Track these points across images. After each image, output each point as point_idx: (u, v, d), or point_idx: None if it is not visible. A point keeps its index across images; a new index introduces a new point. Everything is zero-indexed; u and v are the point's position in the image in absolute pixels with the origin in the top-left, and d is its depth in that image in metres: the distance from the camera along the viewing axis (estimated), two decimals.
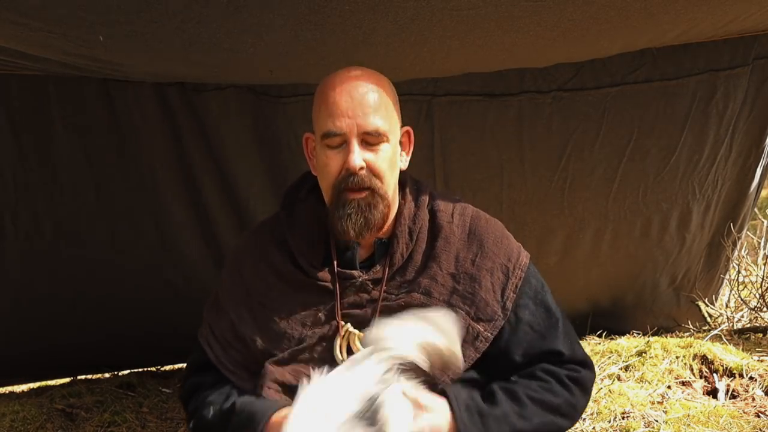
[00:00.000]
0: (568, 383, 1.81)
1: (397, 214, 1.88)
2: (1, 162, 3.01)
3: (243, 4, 1.97)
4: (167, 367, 3.89)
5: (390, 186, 1.82)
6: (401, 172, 1.89)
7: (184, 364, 3.85)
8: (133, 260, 3.26)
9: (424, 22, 2.18)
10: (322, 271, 1.85)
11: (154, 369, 3.85)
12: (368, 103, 1.76)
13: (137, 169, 3.14)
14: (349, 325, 1.82)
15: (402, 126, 1.89)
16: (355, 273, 1.85)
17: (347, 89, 1.77)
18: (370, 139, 1.76)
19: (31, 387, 3.80)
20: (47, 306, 3.27)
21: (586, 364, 1.86)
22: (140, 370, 3.80)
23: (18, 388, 3.80)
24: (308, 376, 1.63)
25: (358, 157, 1.75)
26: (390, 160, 1.80)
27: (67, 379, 3.75)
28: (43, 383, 3.77)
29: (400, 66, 2.62)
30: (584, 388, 1.84)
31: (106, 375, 3.76)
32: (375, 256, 1.88)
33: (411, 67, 2.67)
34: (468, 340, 1.81)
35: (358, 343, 1.82)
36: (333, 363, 1.81)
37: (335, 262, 1.85)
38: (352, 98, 1.75)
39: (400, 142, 1.87)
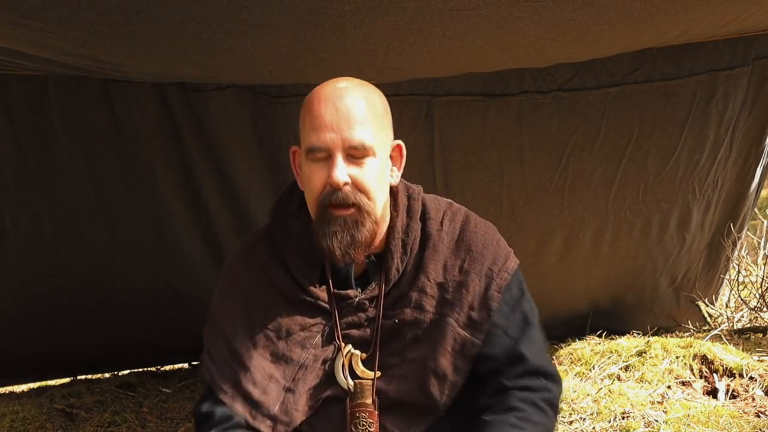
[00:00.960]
0: (544, 407, 1.74)
1: (389, 227, 1.81)
2: (1, 162, 3.01)
3: (243, 5, 1.96)
4: (167, 367, 3.89)
5: (378, 203, 1.73)
6: (390, 186, 1.81)
7: (185, 364, 3.89)
8: (133, 260, 3.26)
9: (424, 22, 2.18)
10: (319, 290, 1.80)
11: (154, 369, 3.85)
12: (353, 115, 1.68)
13: (137, 169, 3.13)
14: (350, 346, 1.80)
15: (395, 138, 1.82)
16: (351, 293, 1.80)
17: (332, 101, 1.69)
18: (356, 153, 1.68)
19: (31, 387, 3.81)
20: (47, 306, 3.27)
21: (554, 377, 1.80)
22: (140, 370, 3.80)
23: (18, 388, 3.80)
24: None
25: (342, 172, 1.66)
26: (377, 176, 1.72)
27: (67, 379, 3.75)
28: (43, 383, 3.78)
29: (400, 66, 2.62)
30: (556, 408, 1.80)
31: (106, 375, 3.76)
32: (369, 272, 1.82)
33: (411, 67, 2.67)
34: (457, 349, 1.77)
35: (360, 364, 1.79)
36: (335, 385, 1.80)
37: (330, 281, 1.81)
38: (336, 110, 1.68)
39: (391, 157, 1.80)
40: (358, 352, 1.79)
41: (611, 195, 3.43)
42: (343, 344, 1.79)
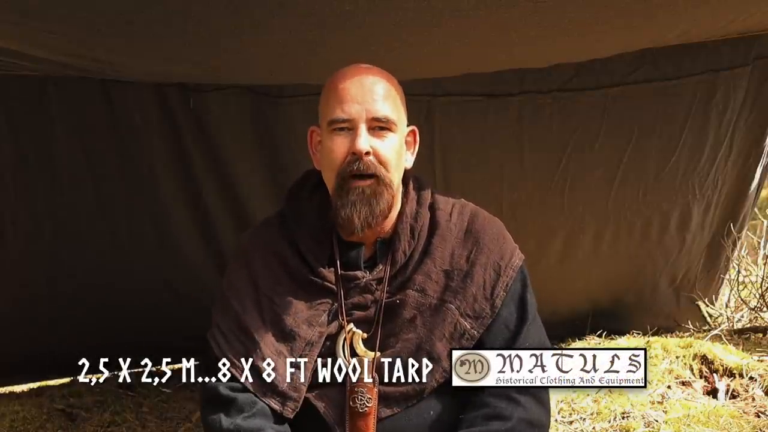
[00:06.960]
0: (518, 397, 1.74)
1: (399, 212, 1.87)
2: (1, 162, 3.01)
3: (243, 4, 1.97)
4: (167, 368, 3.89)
5: (395, 177, 1.80)
6: (404, 171, 1.89)
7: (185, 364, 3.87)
8: (132, 260, 3.26)
9: (424, 22, 2.18)
10: (327, 270, 1.84)
11: (154, 369, 3.84)
12: (378, 91, 1.77)
13: (137, 169, 3.13)
14: (352, 325, 1.82)
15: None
16: (359, 274, 1.84)
17: (357, 78, 1.78)
18: (379, 125, 1.76)
19: (31, 387, 3.80)
20: (47, 306, 3.27)
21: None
22: (140, 370, 3.79)
23: (18, 388, 3.80)
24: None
25: (365, 141, 1.74)
26: (396, 151, 1.79)
27: (67, 379, 3.74)
28: (43, 383, 3.77)
29: (400, 66, 2.60)
30: (537, 397, 1.78)
31: (106, 375, 3.76)
32: (377, 255, 1.87)
33: (411, 67, 2.67)
34: (455, 337, 1.80)
35: (360, 343, 1.82)
36: (336, 362, 1.81)
37: (338, 263, 1.84)
38: (362, 85, 1.76)
39: (406, 142, 1.88)
40: (359, 331, 1.82)
41: (611, 195, 3.43)
42: (345, 323, 1.82)
